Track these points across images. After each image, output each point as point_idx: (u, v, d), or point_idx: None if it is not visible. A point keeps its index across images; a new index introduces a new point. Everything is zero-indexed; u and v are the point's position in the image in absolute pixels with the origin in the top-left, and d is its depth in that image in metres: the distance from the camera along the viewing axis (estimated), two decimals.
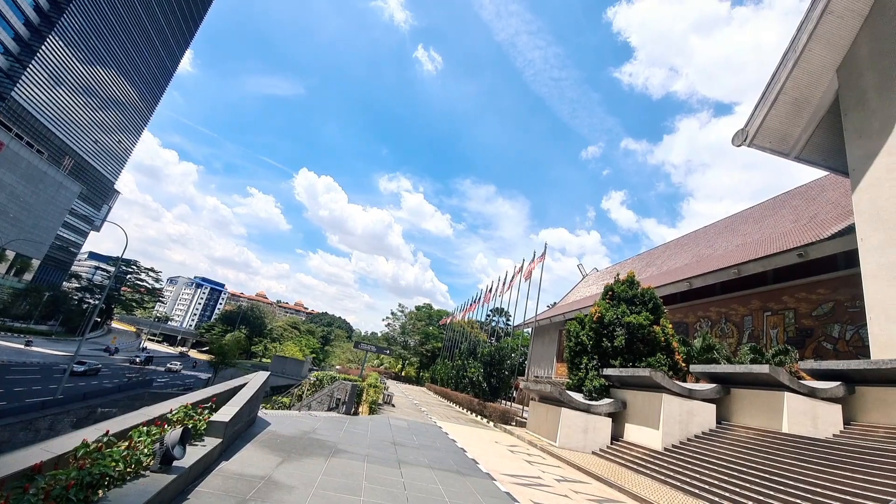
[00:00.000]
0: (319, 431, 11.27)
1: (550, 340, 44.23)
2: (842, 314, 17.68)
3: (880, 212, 14.19)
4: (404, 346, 70.92)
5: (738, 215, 33.84)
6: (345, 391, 16.82)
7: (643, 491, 9.92)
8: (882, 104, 14.83)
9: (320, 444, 9.73)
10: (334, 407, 17.86)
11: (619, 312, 17.46)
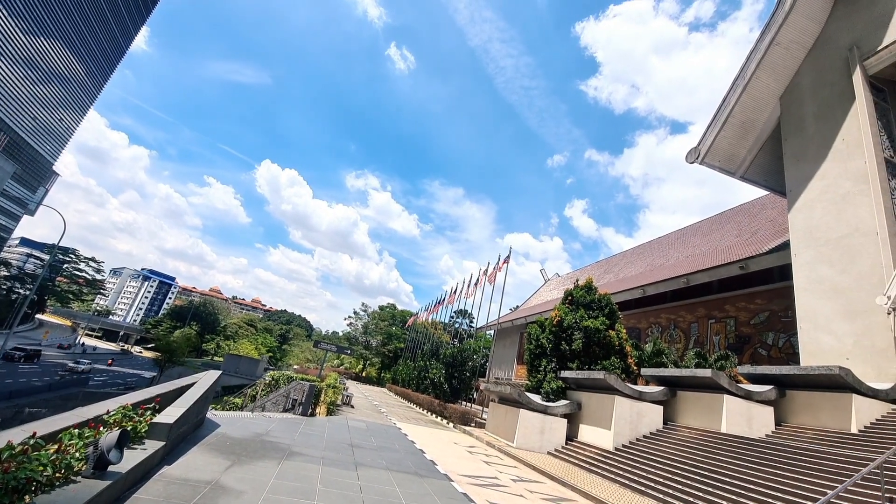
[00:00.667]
0: (273, 433, 10.87)
1: (512, 343, 45.01)
2: (776, 323, 19.17)
3: (812, 230, 15.52)
4: (366, 346, 69.88)
5: (688, 228, 35.92)
6: (302, 392, 16.33)
7: (594, 489, 10.29)
8: (819, 131, 16.25)
9: (274, 446, 9.38)
10: (290, 408, 17.28)
11: (577, 317, 18.04)
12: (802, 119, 17.02)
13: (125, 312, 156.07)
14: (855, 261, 13.78)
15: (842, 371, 11.38)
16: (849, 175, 14.68)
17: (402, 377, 45.27)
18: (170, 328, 72.94)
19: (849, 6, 16.17)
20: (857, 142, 14.62)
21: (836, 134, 15.49)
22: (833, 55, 16.32)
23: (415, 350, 51.15)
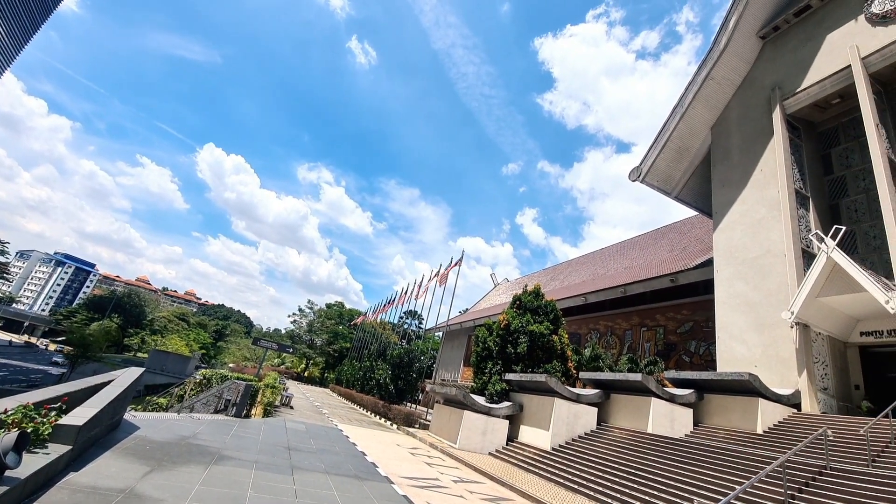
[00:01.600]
0: (201, 436, 10.13)
1: (460, 345, 45.46)
2: (698, 332, 20.96)
3: (732, 250, 17.16)
4: (310, 344, 67.37)
5: (627, 241, 38.36)
6: (237, 391, 15.39)
7: (531, 488, 10.62)
8: (742, 161, 18.02)
9: (201, 450, 8.73)
10: (222, 409, 16.21)
11: (524, 321, 18.59)
12: (729, 149, 18.81)
13: (32, 301, 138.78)
14: (766, 279, 15.43)
15: (751, 377, 12.66)
16: (764, 202, 16.43)
17: (346, 378, 44.15)
18: (86, 320, 65.65)
19: (774, 50, 18.14)
20: (772, 173, 16.41)
21: (755, 164, 17.28)
22: (758, 93, 18.20)
23: (361, 350, 50.13)
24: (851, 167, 16.36)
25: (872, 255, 14.69)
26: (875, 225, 14.78)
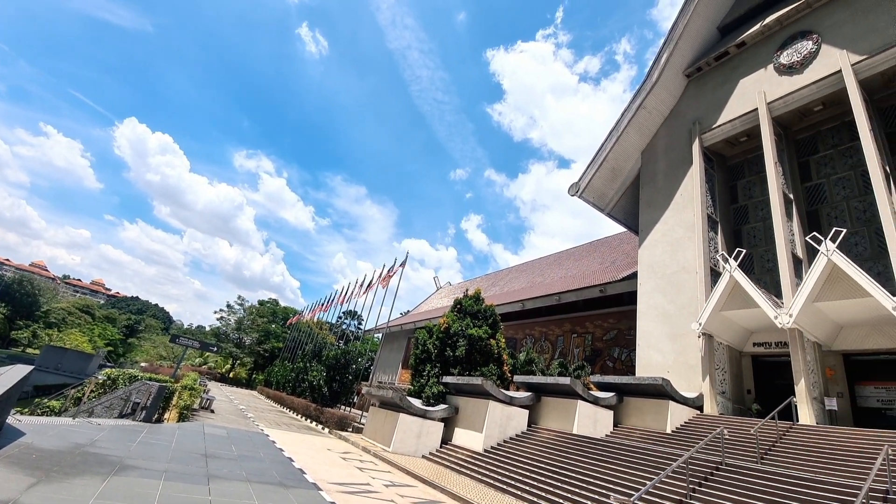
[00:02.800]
0: (101, 443, 9.05)
1: (399, 347, 45.05)
2: (621, 340, 22.65)
3: (654, 265, 18.78)
4: (238, 343, 63.06)
5: (563, 252, 40.54)
6: (147, 394, 13.97)
7: (461, 490, 10.76)
8: (666, 185, 19.82)
9: (99, 459, 7.80)
10: (129, 413, 14.62)
11: (463, 325, 18.88)
12: (655, 173, 20.63)
13: None
14: (680, 293, 17.07)
15: (664, 382, 13.91)
16: (682, 224, 18.21)
17: (277, 379, 41.88)
18: None
19: (698, 88, 20.22)
20: (690, 198, 18.24)
21: (677, 189, 19.11)
22: (682, 125, 20.18)
23: (295, 350, 47.90)
24: (753, 198, 18.66)
25: (766, 275, 16.83)
26: (769, 250, 16.96)
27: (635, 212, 21.68)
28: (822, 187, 16.55)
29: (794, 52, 16.49)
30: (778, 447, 10.78)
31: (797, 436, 11.29)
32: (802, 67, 16.10)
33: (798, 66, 16.22)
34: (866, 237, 14.70)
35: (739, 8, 19.37)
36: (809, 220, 16.32)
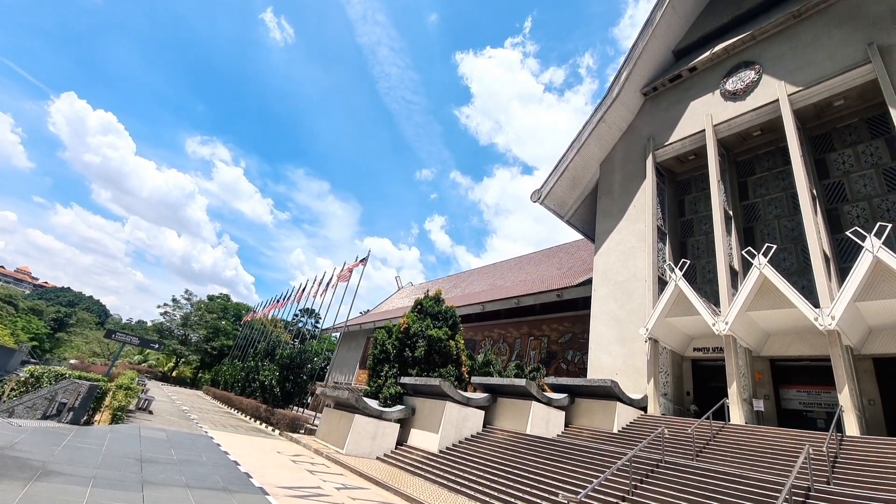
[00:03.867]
0: (22, 446, 8.23)
1: (357, 347, 44.26)
2: (575, 343, 23.49)
3: (607, 272, 19.64)
4: (183, 340, 59.46)
5: (524, 257, 41.52)
6: (76, 393, 12.87)
7: (415, 491, 10.72)
8: (622, 196, 20.79)
9: (20, 463, 7.08)
10: (55, 414, 13.38)
11: (423, 325, 18.85)
12: (612, 184, 21.62)
13: None
14: (630, 299, 17.96)
15: (612, 384, 14.57)
16: (634, 234, 19.19)
17: (225, 379, 39.88)
18: None
19: (653, 107, 21.39)
20: (642, 210, 19.26)
21: (630, 201, 20.12)
22: (637, 141, 21.27)
23: (246, 349, 45.83)
24: (698, 213, 19.99)
25: (706, 285, 18.07)
26: (710, 261, 18.22)
27: (592, 220, 22.59)
28: (757, 206, 18.01)
29: (739, 80, 17.86)
30: (711, 445, 11.59)
31: (728, 435, 12.19)
32: (745, 95, 17.47)
33: (741, 94, 17.57)
34: (794, 253, 16.16)
35: (693, 35, 20.73)
36: (746, 235, 17.70)
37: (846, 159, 15.89)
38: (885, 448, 9.72)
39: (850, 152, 15.87)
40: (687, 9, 20.51)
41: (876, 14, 14.58)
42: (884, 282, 11.27)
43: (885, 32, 14.14)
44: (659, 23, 19.99)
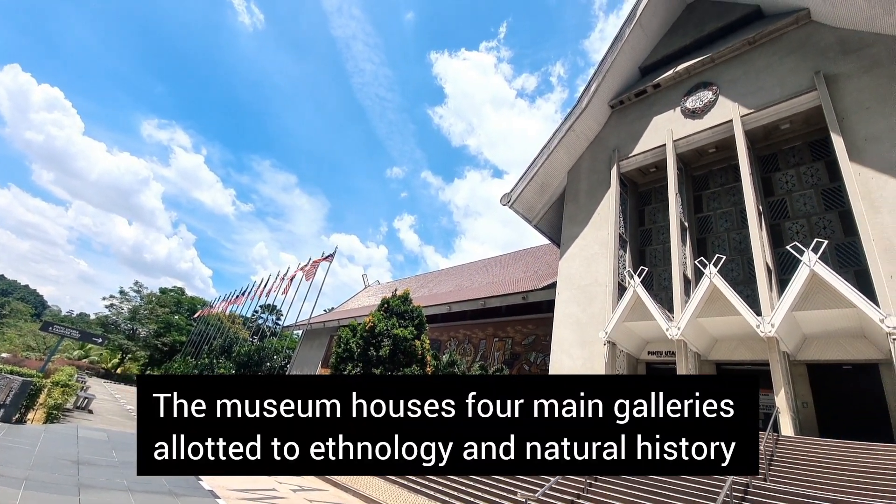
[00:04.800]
0: None
1: (320, 345, 43.27)
2: (538, 345, 24.04)
3: (571, 277, 20.23)
4: (130, 335, 55.98)
5: (491, 259, 42.07)
6: (7, 390, 11.84)
7: (374, 492, 10.62)
8: (587, 204, 21.48)
9: None
10: None
11: (389, 324, 18.70)
12: (579, 192, 22.30)
13: None
14: (592, 303, 18.59)
15: None
16: (598, 241, 19.88)
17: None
18: None
19: (619, 119, 22.24)
20: (606, 218, 19.99)
21: (595, 209, 20.83)
22: (604, 151, 22.06)
23: (201, 345, 43.79)
24: (656, 223, 20.97)
25: (662, 292, 18.98)
26: (665, 270, 19.16)
27: (559, 226, 23.20)
28: (710, 219, 19.12)
29: (698, 99, 18.90)
30: None
31: None
32: (703, 113, 18.51)
33: (699, 112, 18.61)
34: (740, 264, 17.27)
35: (658, 53, 21.75)
36: (699, 246, 18.75)
37: (789, 179, 17.18)
38: (817, 448, 10.56)
39: (793, 172, 17.17)
40: (654, 28, 21.49)
41: (825, 44, 15.82)
42: (818, 293, 12.26)
43: (832, 62, 15.38)
44: (627, 39, 20.83)
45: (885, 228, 12.29)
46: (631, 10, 20.88)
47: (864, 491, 8.10)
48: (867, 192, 12.98)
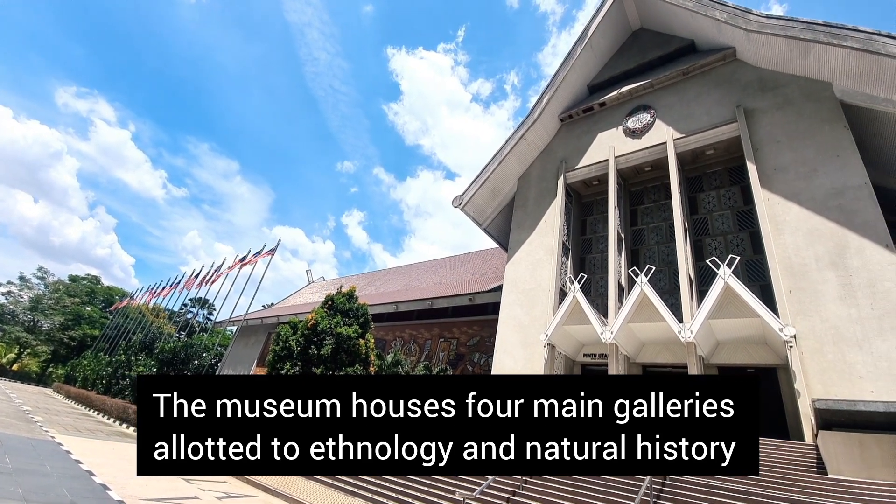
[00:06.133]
0: None
1: (256, 342, 41.02)
2: (482, 346, 24.54)
3: (516, 281, 20.89)
4: (30, 327, 49.44)
5: (440, 260, 42.34)
6: None
7: (308, 497, 10.21)
8: (535, 210, 22.29)
9: None
10: None
11: (333, 322, 18.13)
12: (527, 199, 23.11)
13: None
14: (535, 307, 19.32)
15: None
16: (543, 247, 20.71)
17: (85, 374, 34.00)
18: None
19: (568, 132, 23.35)
20: (551, 225, 20.89)
21: (542, 216, 21.69)
22: (552, 161, 23.04)
23: (116, 340, 39.71)
24: (596, 233, 22.27)
25: (598, 299, 20.17)
26: (603, 277, 20.39)
27: (507, 230, 23.87)
28: (643, 232, 20.65)
29: (638, 120, 20.36)
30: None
31: None
32: (641, 134, 19.96)
33: (639, 132, 20.05)
34: (667, 275, 18.82)
35: (605, 74, 23.15)
36: (633, 256, 20.16)
37: (711, 200, 19.01)
38: None
39: (714, 194, 19.02)
40: (602, 49, 22.84)
41: (746, 81, 17.70)
42: (730, 304, 13.67)
43: (751, 98, 17.24)
44: (579, 57, 21.94)
45: (786, 248, 14.00)
46: (583, 31, 22.04)
47: (758, 480, 9.15)
48: (773, 215, 14.71)
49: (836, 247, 13.19)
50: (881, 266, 12.23)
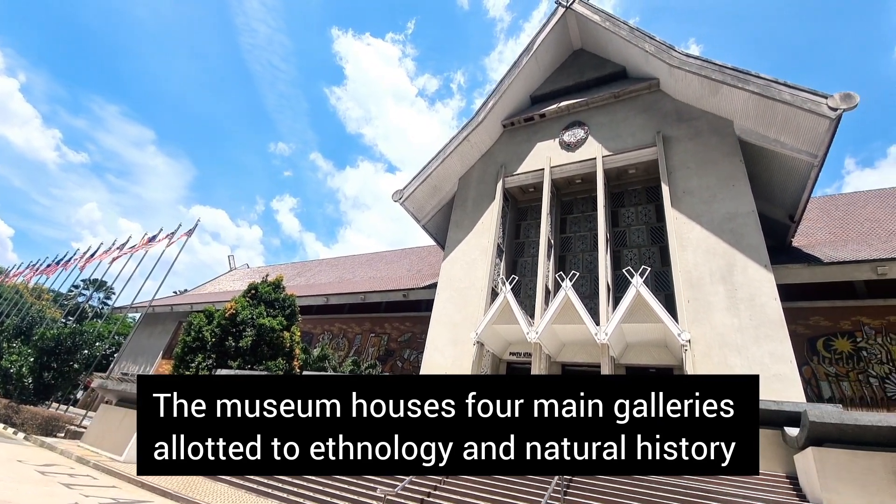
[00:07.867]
0: None
1: (164, 332, 37.25)
2: (414, 343, 24.56)
3: (452, 279, 21.18)
4: None
5: (376, 254, 41.63)
6: None
7: (215, 500, 9.47)
8: (473, 212, 22.75)
9: None
10: None
11: (255, 313, 17.00)
12: (467, 199, 23.54)
13: None
14: (467, 306, 19.74)
15: None
16: (478, 248, 21.24)
17: None
18: None
19: (510, 138, 24.14)
20: (488, 227, 21.49)
21: (480, 218, 22.23)
22: (493, 164, 23.69)
23: None
24: (529, 238, 23.34)
25: (527, 300, 21.15)
26: (532, 280, 21.43)
27: (445, 228, 24.11)
28: (571, 240, 22.04)
29: (573, 134, 21.66)
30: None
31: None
32: (575, 148, 21.27)
33: (573, 146, 21.35)
34: (589, 281, 20.27)
35: (547, 87, 24.32)
36: (560, 262, 21.44)
37: (630, 215, 20.82)
38: None
39: (633, 210, 20.86)
40: (546, 63, 23.95)
41: (666, 110, 19.60)
42: (640, 310, 15.08)
43: (669, 126, 19.13)
44: (524, 67, 22.80)
45: (687, 263, 15.77)
46: (529, 42, 22.93)
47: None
48: (679, 233, 16.49)
49: (726, 264, 15.14)
50: (760, 283, 14.28)
